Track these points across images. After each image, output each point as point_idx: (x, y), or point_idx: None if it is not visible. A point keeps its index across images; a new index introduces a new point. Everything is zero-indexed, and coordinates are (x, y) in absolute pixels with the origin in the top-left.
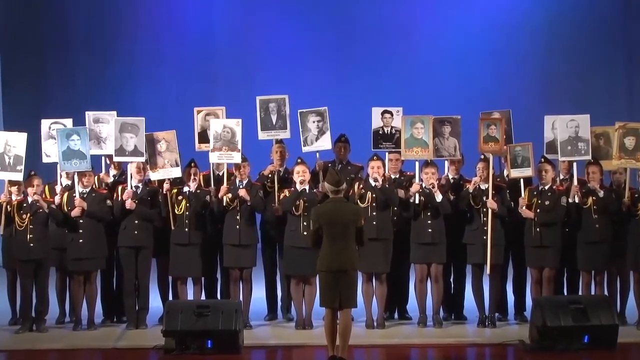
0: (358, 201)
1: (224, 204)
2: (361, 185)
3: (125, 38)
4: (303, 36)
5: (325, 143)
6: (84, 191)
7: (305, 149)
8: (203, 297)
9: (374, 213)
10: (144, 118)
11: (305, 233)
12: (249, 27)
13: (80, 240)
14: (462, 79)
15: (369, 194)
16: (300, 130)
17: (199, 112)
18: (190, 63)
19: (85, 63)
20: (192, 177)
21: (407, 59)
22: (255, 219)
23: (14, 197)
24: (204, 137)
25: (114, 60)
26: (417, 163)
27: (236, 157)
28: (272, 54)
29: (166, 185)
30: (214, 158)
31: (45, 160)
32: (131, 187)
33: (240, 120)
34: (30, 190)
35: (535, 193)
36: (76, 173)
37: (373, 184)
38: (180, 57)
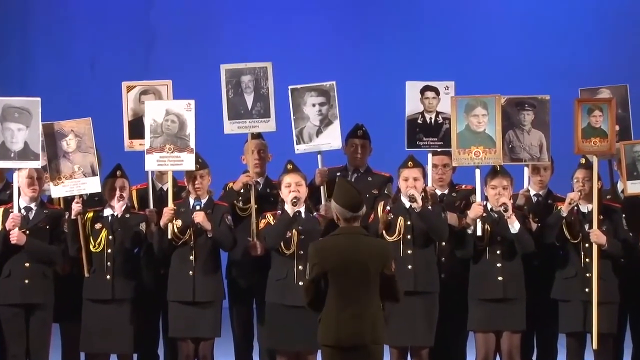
0: (384, 232)
1: (170, 237)
2: (389, 207)
3: None
4: None
5: (331, 139)
6: None
7: (299, 149)
8: None
9: (410, 251)
10: (39, 99)
11: (300, 283)
12: None
13: None
14: (546, 43)
15: (400, 220)
16: (293, 118)
17: (129, 89)
18: (115, 14)
19: None
20: (117, 193)
21: (459, 10)
22: (220, 261)
23: None
24: (137, 130)
25: None
26: (477, 171)
27: (187, 162)
28: None
29: (76, 207)
30: (151, 163)
31: None
32: (19, 210)
33: (193, 102)
34: None
35: None
36: None
37: (407, 204)
38: (98, 3)
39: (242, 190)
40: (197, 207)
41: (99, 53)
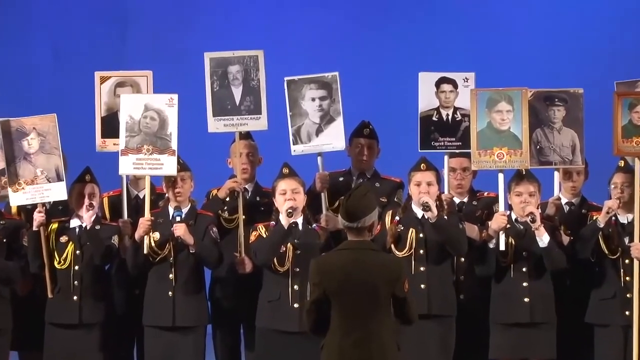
0: (392, 247)
1: (146, 252)
2: (398, 218)
3: None
4: None
5: (333, 139)
6: None
7: (296, 150)
8: None
9: (422, 268)
10: None
11: (296, 305)
12: None
13: None
14: (579, 29)
15: (412, 232)
16: (289, 114)
17: (103, 80)
18: None
19: None
20: (86, 201)
21: None
22: (204, 280)
23: None
24: (111, 128)
25: None
26: (501, 176)
27: (168, 166)
28: None
29: (39, 217)
30: (126, 166)
31: None
32: None
33: (176, 97)
34: None
35: None
36: None
37: (420, 214)
38: None
39: (227, 199)
40: (178, 218)
41: (64, 38)
